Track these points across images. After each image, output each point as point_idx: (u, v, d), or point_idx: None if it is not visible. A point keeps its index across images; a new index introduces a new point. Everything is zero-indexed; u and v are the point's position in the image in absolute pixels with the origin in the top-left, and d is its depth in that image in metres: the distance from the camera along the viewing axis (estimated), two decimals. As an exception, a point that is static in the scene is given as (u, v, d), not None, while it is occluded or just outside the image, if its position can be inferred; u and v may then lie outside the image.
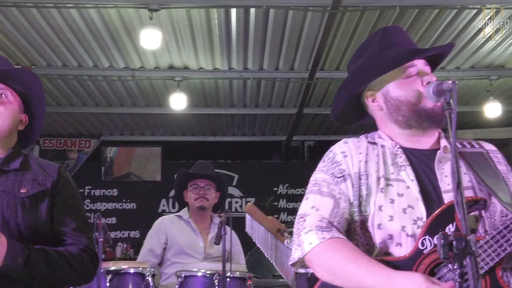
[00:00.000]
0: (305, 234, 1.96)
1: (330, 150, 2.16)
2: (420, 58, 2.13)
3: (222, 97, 8.71)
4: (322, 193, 2.06)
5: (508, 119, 9.66)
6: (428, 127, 2.08)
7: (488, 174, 2.02)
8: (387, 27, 2.28)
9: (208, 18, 6.24)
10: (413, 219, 1.95)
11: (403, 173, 2.03)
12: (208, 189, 4.59)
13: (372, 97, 2.17)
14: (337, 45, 6.92)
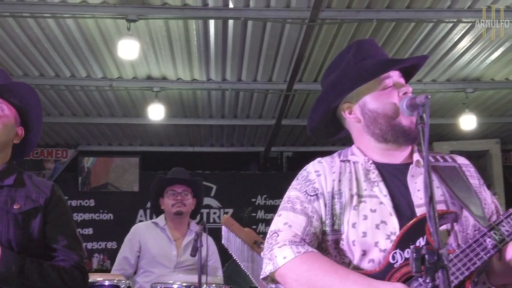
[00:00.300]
0: (279, 248, 1.94)
1: (304, 169, 2.16)
2: (395, 70, 2.15)
3: (201, 107, 8.71)
4: (295, 210, 2.05)
5: (483, 131, 9.78)
6: (403, 143, 2.09)
7: (461, 188, 2.04)
8: (361, 40, 2.29)
9: (187, 29, 6.25)
10: (386, 234, 1.95)
11: (376, 189, 2.04)
12: (186, 194, 4.54)
13: (349, 110, 2.17)
14: (315, 57, 6.96)
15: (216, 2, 5.73)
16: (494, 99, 8.48)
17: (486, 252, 1.83)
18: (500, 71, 7.46)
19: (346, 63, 2.19)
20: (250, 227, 3.92)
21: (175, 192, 4.53)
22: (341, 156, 2.18)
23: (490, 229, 1.85)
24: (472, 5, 5.82)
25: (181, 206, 4.49)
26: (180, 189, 4.54)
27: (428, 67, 7.28)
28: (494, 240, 1.84)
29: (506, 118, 9.32)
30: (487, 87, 7.89)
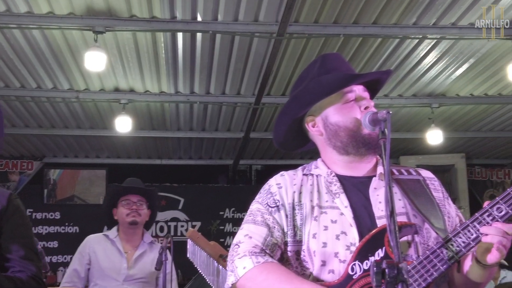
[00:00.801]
0: (239, 259, 1.97)
1: (267, 183, 2.19)
2: (358, 84, 2.17)
3: (169, 120, 8.68)
4: (256, 222, 2.07)
5: (449, 146, 9.92)
6: (365, 153, 2.11)
7: (423, 201, 2.06)
8: (326, 54, 2.32)
9: (155, 41, 6.23)
10: (346, 245, 1.97)
11: (337, 200, 2.06)
12: (141, 204, 4.45)
13: (312, 122, 2.20)
14: (283, 71, 7.00)
15: (184, 15, 5.72)
16: (459, 114, 8.60)
17: (443, 263, 1.86)
18: (465, 86, 7.58)
19: (311, 76, 2.21)
20: (218, 241, 3.92)
21: (130, 202, 4.44)
22: (304, 170, 2.21)
23: (447, 240, 1.88)
24: (437, 22, 5.91)
25: (136, 215, 4.40)
26: (135, 198, 4.45)
27: (394, 82, 7.37)
28: (451, 251, 1.86)
29: (471, 133, 9.46)
30: (452, 102, 8.01)
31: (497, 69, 6.94)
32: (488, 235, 1.81)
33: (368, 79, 2.18)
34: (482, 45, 6.36)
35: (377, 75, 2.23)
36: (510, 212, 1.84)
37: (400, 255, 1.69)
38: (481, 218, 1.86)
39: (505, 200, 1.85)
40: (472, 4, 5.58)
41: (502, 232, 1.80)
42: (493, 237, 1.80)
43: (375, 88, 2.26)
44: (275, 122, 2.29)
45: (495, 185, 11.32)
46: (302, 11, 5.68)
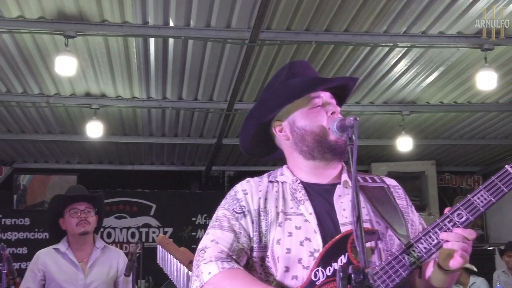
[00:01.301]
0: (204, 264, 1.96)
1: (232, 189, 2.19)
2: (325, 91, 2.18)
3: (141, 126, 8.64)
4: (223, 227, 2.07)
5: (419, 153, 10.03)
6: (331, 159, 2.11)
7: (386, 208, 2.08)
8: (294, 61, 2.33)
9: (126, 46, 6.20)
10: (310, 251, 1.98)
11: (302, 207, 2.07)
12: (89, 211, 4.32)
13: (279, 127, 2.20)
14: (255, 77, 7.02)
15: (156, 20, 5.71)
16: (430, 122, 8.71)
17: (405, 269, 1.87)
18: (435, 94, 7.67)
19: (279, 82, 2.22)
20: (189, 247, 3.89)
21: (77, 210, 4.29)
22: (270, 177, 2.21)
23: (409, 246, 1.89)
24: (408, 30, 5.98)
25: (85, 224, 4.27)
26: (82, 206, 4.31)
27: (365, 89, 7.44)
28: (413, 257, 1.88)
29: (441, 140, 9.59)
30: (423, 110, 8.10)
31: (466, 78, 7.04)
32: (449, 242, 1.83)
33: (335, 84, 2.20)
34: (452, 54, 6.44)
35: (344, 80, 2.25)
36: (470, 218, 1.86)
37: (366, 260, 1.70)
38: (442, 224, 1.87)
39: (465, 207, 1.88)
40: (442, 13, 5.65)
41: (462, 238, 1.82)
42: (453, 244, 1.82)
43: (342, 95, 2.28)
44: (242, 126, 2.29)
45: (464, 192, 11.47)
46: (275, 18, 5.70)
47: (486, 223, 11.37)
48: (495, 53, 6.31)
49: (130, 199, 10.55)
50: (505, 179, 1.88)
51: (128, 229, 10.36)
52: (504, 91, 7.52)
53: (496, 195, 1.87)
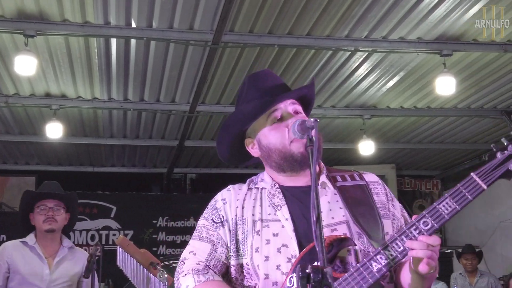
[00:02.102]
0: (183, 277, 2.04)
1: (214, 198, 2.23)
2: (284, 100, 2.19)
3: (101, 127, 8.56)
4: (201, 238, 2.14)
5: (381, 157, 10.15)
6: (300, 169, 2.15)
7: (363, 210, 2.11)
8: (253, 74, 2.33)
9: (88, 46, 6.14)
10: (287, 258, 2.01)
11: (279, 213, 2.10)
12: (57, 209, 4.27)
13: (251, 144, 2.25)
14: (218, 79, 7.01)
15: (118, 21, 5.67)
16: (390, 126, 8.82)
17: (372, 275, 1.89)
18: (395, 99, 7.78)
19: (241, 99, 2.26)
20: (150, 249, 3.88)
21: (46, 207, 4.25)
22: (251, 184, 2.25)
23: (377, 253, 1.92)
24: (369, 35, 6.05)
25: (52, 222, 4.22)
26: (51, 204, 4.27)
27: (327, 93, 7.50)
28: (380, 264, 1.90)
29: (401, 144, 9.71)
30: (383, 114, 8.20)
31: (426, 83, 7.16)
32: (414, 250, 1.86)
33: (288, 98, 2.20)
34: (412, 59, 6.55)
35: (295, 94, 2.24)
36: (435, 226, 1.89)
37: (326, 260, 1.72)
38: (408, 232, 1.90)
39: (431, 214, 1.90)
40: (402, 18, 5.74)
41: (426, 245, 1.84)
42: (417, 252, 1.85)
43: (307, 99, 2.29)
44: (217, 148, 2.32)
45: (423, 195, 11.65)
46: (237, 20, 5.72)
47: (445, 227, 11.55)
48: (454, 59, 6.43)
49: (90, 201, 10.42)
50: (470, 186, 1.90)
51: (87, 231, 10.24)
52: (463, 97, 7.66)
53: (461, 202, 1.90)
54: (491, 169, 1.91)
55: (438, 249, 1.88)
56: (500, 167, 1.90)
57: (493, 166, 1.91)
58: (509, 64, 6.71)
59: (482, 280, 7.91)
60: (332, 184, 2.18)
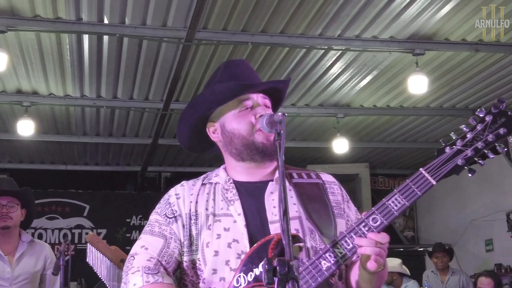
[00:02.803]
0: (132, 274, 1.97)
1: (167, 193, 2.19)
2: (257, 92, 2.18)
3: (74, 124, 8.48)
4: (153, 233, 2.08)
5: (354, 155, 10.20)
6: (260, 160, 2.13)
7: (317, 206, 2.09)
8: (230, 60, 2.33)
9: (59, 43, 6.08)
10: (237, 253, 1.99)
11: (231, 207, 2.07)
12: (11, 206, 4.23)
13: (213, 128, 2.21)
14: (192, 77, 6.99)
15: (90, 17, 5.62)
16: (364, 125, 8.87)
17: (321, 274, 1.89)
18: (369, 98, 7.82)
19: (213, 83, 2.22)
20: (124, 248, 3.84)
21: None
22: (205, 179, 2.22)
23: (325, 251, 1.91)
24: (342, 33, 6.08)
25: (7, 219, 4.18)
26: (4, 201, 4.23)
27: (301, 91, 7.52)
28: (329, 262, 1.90)
29: (375, 143, 9.78)
30: (357, 113, 8.25)
31: (398, 82, 7.21)
32: (362, 247, 1.85)
33: (261, 88, 2.20)
34: (385, 58, 6.59)
35: (272, 84, 2.25)
36: (384, 223, 1.89)
37: (292, 253, 1.72)
38: (358, 229, 1.89)
39: (380, 211, 1.90)
40: (375, 17, 5.78)
41: (374, 243, 1.84)
42: (366, 249, 1.84)
43: (278, 97, 2.28)
44: (177, 128, 2.29)
45: (397, 194, 11.72)
46: (211, 17, 5.71)
47: (417, 225, 11.67)
48: (426, 58, 6.49)
49: (62, 199, 10.32)
50: (419, 182, 1.91)
51: (60, 230, 10.14)
52: (435, 96, 7.73)
53: (410, 198, 1.90)
54: (440, 164, 1.91)
55: (386, 247, 1.87)
56: (449, 162, 1.91)
57: (442, 161, 1.91)
58: (480, 64, 6.79)
59: (453, 278, 7.97)
60: (287, 181, 2.15)
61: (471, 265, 9.68)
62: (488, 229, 9.44)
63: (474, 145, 1.88)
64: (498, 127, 1.88)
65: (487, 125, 1.89)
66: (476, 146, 1.88)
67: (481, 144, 1.88)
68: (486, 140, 1.88)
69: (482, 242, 9.67)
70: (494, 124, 1.88)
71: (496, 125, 1.88)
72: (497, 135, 1.87)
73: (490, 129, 1.88)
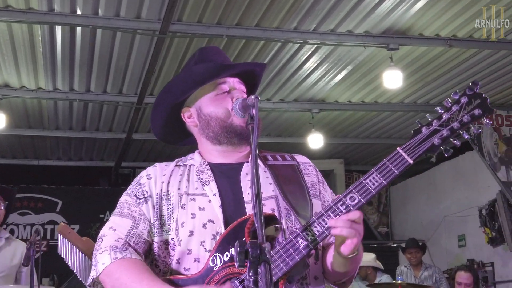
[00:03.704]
0: (100, 254, 1.97)
1: (139, 175, 2.17)
2: (233, 77, 2.17)
3: (46, 118, 8.37)
4: (122, 214, 2.07)
5: (329, 151, 10.23)
6: (237, 143, 2.12)
7: (292, 187, 2.09)
8: (204, 47, 2.32)
9: (31, 34, 6.00)
10: (212, 234, 1.97)
11: (206, 188, 2.06)
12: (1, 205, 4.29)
13: (188, 113, 2.19)
14: (166, 70, 6.94)
15: (63, 8, 5.55)
16: (338, 120, 8.89)
17: (298, 252, 1.88)
18: (344, 93, 7.84)
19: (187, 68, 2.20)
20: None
21: None
22: (179, 161, 2.19)
23: (303, 230, 1.91)
24: (317, 27, 6.08)
25: None
26: None
27: (276, 86, 7.51)
28: (306, 241, 1.89)
29: (349, 139, 9.81)
30: (332, 108, 8.26)
31: (373, 77, 7.24)
32: (337, 228, 1.84)
33: (239, 69, 2.19)
34: (360, 53, 6.61)
35: (249, 66, 2.26)
36: (362, 201, 1.89)
37: (264, 236, 1.70)
38: (335, 207, 1.90)
39: (357, 189, 1.91)
40: (350, 11, 5.79)
41: (349, 223, 1.83)
42: (341, 230, 1.83)
43: (253, 83, 2.27)
44: (151, 115, 2.26)
45: (371, 190, 11.77)
46: (185, 10, 5.67)
47: (391, 221, 11.74)
48: (400, 54, 6.52)
49: (34, 195, 10.22)
50: (396, 161, 1.92)
51: (32, 225, 10.03)
52: (409, 92, 7.78)
53: (387, 177, 1.91)
54: (417, 144, 1.93)
55: (361, 225, 1.87)
56: (426, 142, 1.92)
57: (419, 140, 1.93)
58: (454, 60, 6.84)
59: (426, 273, 8.04)
60: (262, 163, 2.16)
61: (444, 261, 9.77)
62: (461, 225, 9.53)
63: (450, 125, 1.90)
64: (473, 108, 1.91)
65: (462, 106, 1.91)
66: (452, 126, 1.90)
67: (456, 125, 1.90)
68: (462, 120, 1.90)
69: (455, 238, 9.77)
70: (469, 105, 1.91)
71: (471, 106, 1.91)
72: (472, 116, 1.90)
73: (465, 110, 1.90)
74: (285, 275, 1.89)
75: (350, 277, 2.10)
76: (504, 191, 7.96)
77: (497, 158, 8.02)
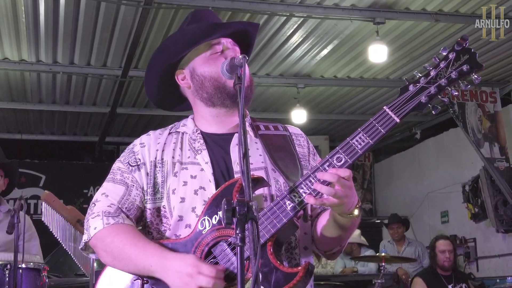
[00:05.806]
0: (92, 219, 2.01)
1: (132, 143, 2.18)
2: (227, 37, 2.16)
3: (29, 91, 8.28)
4: (115, 180, 2.09)
5: (314, 128, 10.23)
6: (231, 106, 2.12)
7: (283, 155, 2.10)
8: (197, 9, 2.30)
9: (14, 4, 5.91)
10: (204, 200, 1.99)
11: (198, 156, 2.08)
12: None
13: (181, 75, 2.19)
14: (152, 42, 6.87)
15: (46, -24, 5.47)
16: (324, 96, 8.87)
17: (286, 214, 1.89)
18: (329, 68, 7.81)
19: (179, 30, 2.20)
20: (81, 219, 3.78)
21: None
22: (172, 128, 2.20)
23: (290, 191, 1.91)
24: (304, 0, 6.04)
25: None
26: None
27: (262, 60, 7.46)
28: (293, 202, 1.89)
29: (334, 115, 9.80)
30: (317, 83, 8.23)
31: (359, 52, 7.21)
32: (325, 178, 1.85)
33: (233, 28, 2.18)
34: (346, 27, 6.58)
35: (242, 25, 2.24)
36: (348, 161, 1.90)
37: (251, 194, 1.70)
38: (322, 168, 1.90)
39: (344, 150, 1.91)
40: (337, -16, 5.76)
41: (337, 177, 1.84)
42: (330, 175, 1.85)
43: (247, 44, 2.26)
44: (145, 78, 2.26)
45: (356, 167, 11.80)
46: (171, -20, 5.61)
47: (375, 198, 11.79)
48: (386, 28, 6.50)
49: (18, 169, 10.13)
50: (383, 120, 1.92)
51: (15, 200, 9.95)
52: (395, 67, 7.77)
53: (374, 136, 1.91)
54: (404, 102, 1.93)
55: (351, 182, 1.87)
56: (413, 100, 1.92)
57: (406, 98, 1.93)
58: (440, 35, 6.83)
59: (409, 248, 8.14)
60: (254, 133, 2.16)
61: (427, 237, 9.83)
62: (444, 201, 9.60)
63: (438, 82, 1.90)
64: (461, 64, 1.89)
65: (450, 62, 1.90)
66: (439, 83, 1.89)
67: (444, 81, 1.89)
68: (450, 77, 1.89)
69: (438, 214, 9.84)
70: (457, 61, 1.89)
71: (460, 62, 1.89)
72: (460, 72, 1.88)
73: (454, 66, 1.89)
74: (272, 237, 1.90)
75: (341, 247, 2.11)
76: (487, 167, 8.01)
77: (481, 135, 8.06)
